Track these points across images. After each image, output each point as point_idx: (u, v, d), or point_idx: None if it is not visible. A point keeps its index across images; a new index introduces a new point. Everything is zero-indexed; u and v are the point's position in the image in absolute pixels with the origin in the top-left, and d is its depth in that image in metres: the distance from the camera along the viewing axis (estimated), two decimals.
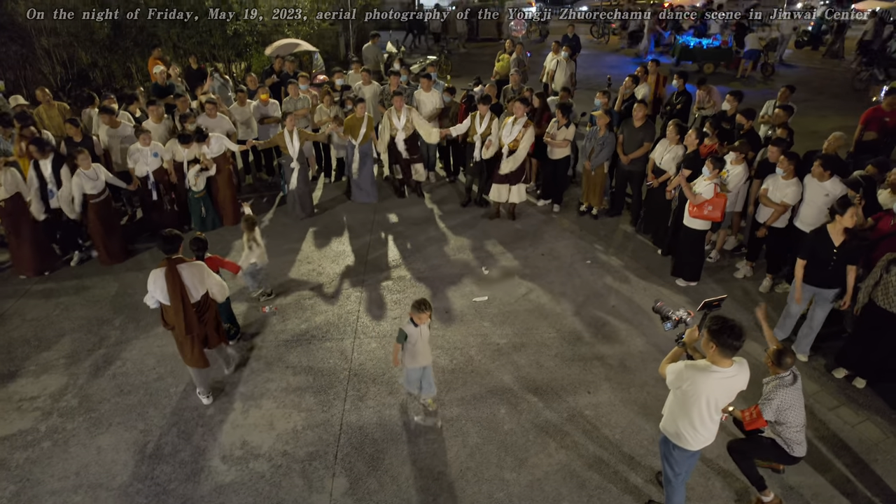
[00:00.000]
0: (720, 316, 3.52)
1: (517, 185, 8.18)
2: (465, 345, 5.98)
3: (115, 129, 7.74)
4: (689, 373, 3.54)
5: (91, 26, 12.02)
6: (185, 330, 4.74)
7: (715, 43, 16.59)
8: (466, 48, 20.03)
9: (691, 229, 6.68)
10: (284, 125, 7.91)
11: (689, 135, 7.09)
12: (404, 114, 8.39)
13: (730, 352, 3.43)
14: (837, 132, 6.89)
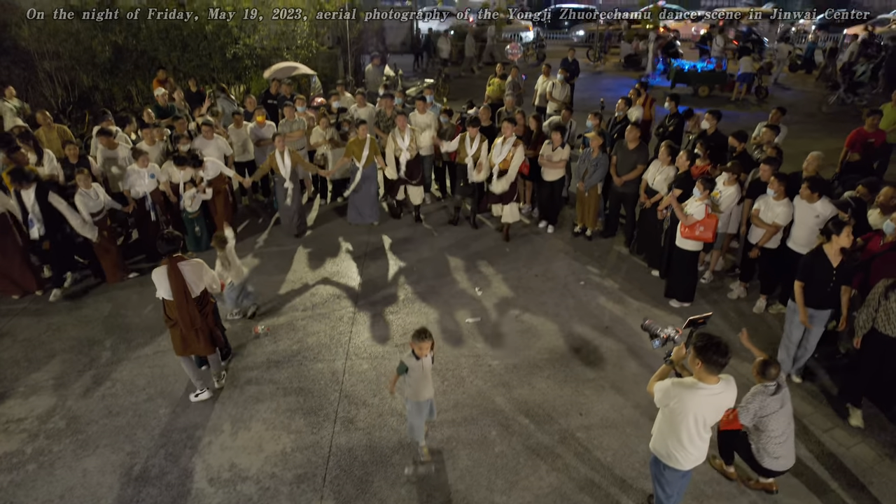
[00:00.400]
0: (706, 333, 3.54)
1: (509, 205, 8.23)
2: (457, 366, 5.94)
3: (112, 150, 7.80)
4: (676, 390, 3.54)
5: (93, 50, 12.18)
6: (189, 324, 5.11)
7: (709, 66, 16.78)
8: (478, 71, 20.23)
9: (683, 250, 6.69)
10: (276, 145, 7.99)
11: (680, 156, 7.14)
12: (408, 134, 8.46)
13: (716, 368, 3.44)
14: (815, 152, 6.94)
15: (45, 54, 12.43)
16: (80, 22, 12.48)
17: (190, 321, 5.10)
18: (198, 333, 5.20)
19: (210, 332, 5.34)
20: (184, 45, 12.51)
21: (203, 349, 5.33)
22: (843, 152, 8.90)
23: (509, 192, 8.12)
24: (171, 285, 4.96)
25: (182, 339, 5.21)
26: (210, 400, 5.49)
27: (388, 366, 5.93)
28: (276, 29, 13.75)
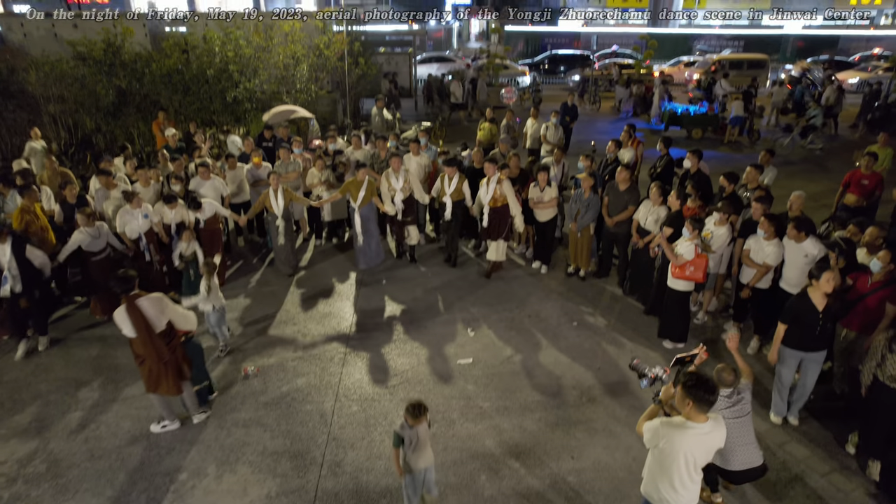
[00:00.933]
0: (694, 371, 3.52)
1: (496, 242, 8.28)
2: (447, 408, 5.86)
3: (110, 190, 7.90)
4: (665, 430, 3.50)
5: (97, 94, 12.47)
6: (157, 357, 5.10)
7: (702, 110, 17.11)
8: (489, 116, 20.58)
9: (675, 290, 6.69)
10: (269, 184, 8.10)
11: (671, 196, 7.21)
12: (402, 175, 8.58)
13: (704, 406, 3.42)
14: (798, 192, 7.01)
15: (50, 98, 12.72)
16: (86, 67, 12.82)
17: (157, 355, 5.11)
18: (167, 367, 5.19)
19: (178, 366, 5.31)
20: (185, 89, 12.81)
21: (172, 387, 5.29)
22: (838, 193, 9.00)
23: (497, 229, 8.19)
24: (132, 322, 4.97)
25: (150, 376, 5.19)
26: (196, 442, 5.40)
27: (377, 408, 5.86)
28: (276, 73, 14.09)
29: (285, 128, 10.77)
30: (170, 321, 5.22)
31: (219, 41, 13.23)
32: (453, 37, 47.51)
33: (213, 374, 6.38)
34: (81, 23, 15.24)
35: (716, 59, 25.64)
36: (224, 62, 13.04)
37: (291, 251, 8.60)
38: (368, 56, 16.72)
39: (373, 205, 8.61)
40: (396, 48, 23.08)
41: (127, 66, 12.84)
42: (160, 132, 10.93)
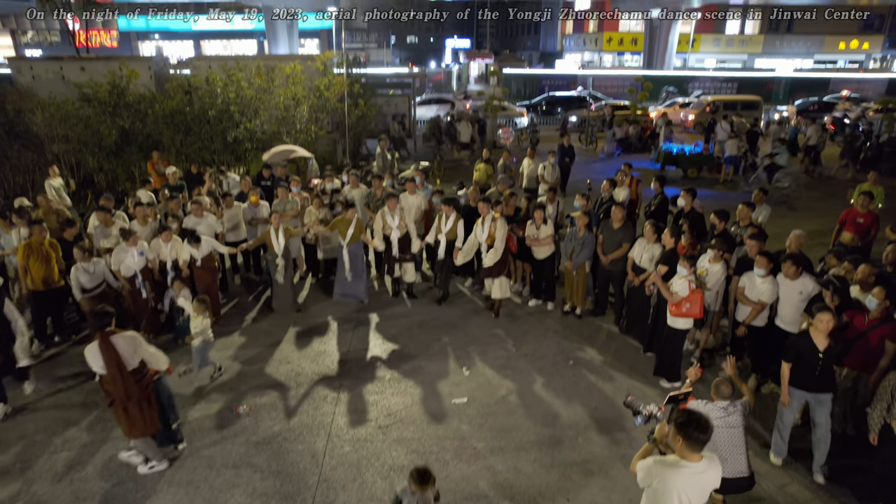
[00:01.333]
0: (687, 409, 3.48)
1: (498, 279, 8.28)
2: (441, 448, 5.77)
3: (108, 227, 7.97)
4: (658, 469, 3.45)
5: (100, 134, 12.68)
6: (125, 396, 5.04)
7: (697, 149, 17.35)
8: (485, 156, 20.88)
9: (674, 329, 6.67)
10: (270, 223, 8.17)
11: (665, 234, 7.26)
12: (398, 213, 8.65)
13: (697, 445, 3.38)
14: (797, 230, 7.07)
15: (54, 138, 12.93)
16: (90, 108, 13.08)
17: (126, 394, 5.05)
18: (139, 405, 5.14)
19: (150, 403, 5.27)
20: (187, 129, 13.04)
21: (146, 427, 5.24)
22: (834, 231, 9.05)
23: (498, 266, 8.21)
24: (104, 358, 4.95)
25: (126, 418, 5.14)
26: (184, 484, 5.29)
27: (370, 448, 5.76)
28: (277, 114, 14.36)
29: (284, 167, 10.92)
30: (142, 360, 5.21)
31: (221, 82, 13.54)
32: (453, 79, 48.57)
33: (205, 412, 6.32)
34: (89, 66, 15.62)
35: (710, 100, 26.11)
36: (225, 103, 13.31)
37: (291, 289, 8.60)
38: (368, 97, 17.05)
39: (360, 242, 8.68)
40: (397, 90, 23.53)
41: (131, 107, 13.11)
42: (154, 171, 11.08)
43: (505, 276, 8.40)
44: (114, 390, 5.05)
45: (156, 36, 57.26)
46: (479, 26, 68.90)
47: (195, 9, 54.90)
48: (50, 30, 56.65)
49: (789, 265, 6.26)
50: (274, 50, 37.39)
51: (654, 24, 39.57)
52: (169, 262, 7.72)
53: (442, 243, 8.58)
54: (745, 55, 48.04)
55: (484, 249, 8.24)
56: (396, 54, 73.02)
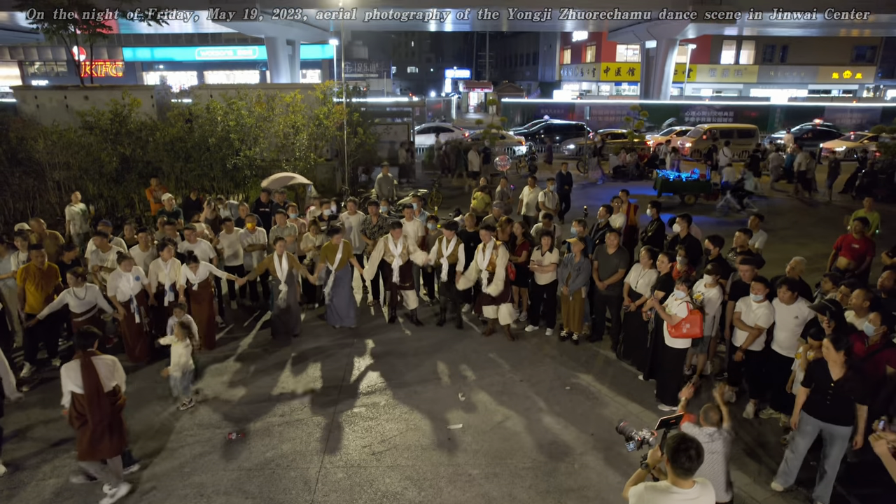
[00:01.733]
0: (680, 434, 3.44)
1: (505, 306, 8.30)
2: (435, 475, 5.69)
3: (104, 252, 8.01)
4: (649, 495, 3.40)
5: (101, 161, 12.82)
6: (100, 418, 5.10)
7: (693, 176, 17.51)
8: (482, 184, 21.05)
9: (673, 349, 6.69)
10: (275, 249, 8.23)
11: (660, 259, 7.28)
12: (401, 242, 8.70)
13: (687, 473, 3.32)
14: (798, 257, 7.09)
15: (56, 165, 13.07)
16: (92, 136, 13.25)
17: (101, 416, 5.11)
18: (110, 428, 5.19)
19: (121, 427, 5.35)
20: (187, 157, 13.18)
21: (112, 449, 5.27)
22: (830, 256, 9.08)
23: (504, 293, 8.23)
24: (84, 379, 5.02)
25: (90, 442, 5.12)
26: None
27: (363, 475, 5.69)
28: (277, 142, 14.53)
29: (282, 193, 11.00)
30: (116, 385, 5.30)
31: (221, 111, 13.74)
32: (452, 108, 49.24)
33: (197, 438, 6.26)
34: (92, 94, 15.87)
35: (707, 128, 26.42)
36: (225, 131, 13.49)
37: (292, 315, 8.59)
38: (367, 126, 17.27)
39: (348, 267, 8.74)
40: (396, 119, 23.84)
41: (132, 135, 13.28)
42: (152, 198, 11.17)
43: (509, 301, 8.40)
44: (89, 411, 5.08)
45: (160, 66, 58.35)
46: (478, 57, 70.19)
47: (199, 40, 56.00)
48: (56, 60, 57.75)
49: (784, 290, 6.27)
50: (276, 79, 37.98)
51: (650, 55, 40.28)
52: (167, 284, 7.73)
53: (444, 267, 8.65)
54: (741, 84, 48.77)
55: (485, 277, 8.25)
56: (397, 84, 74.20)
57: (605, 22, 37.65)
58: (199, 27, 43.44)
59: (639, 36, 39.42)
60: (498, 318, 8.47)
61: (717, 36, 45.00)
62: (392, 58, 77.17)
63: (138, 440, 6.22)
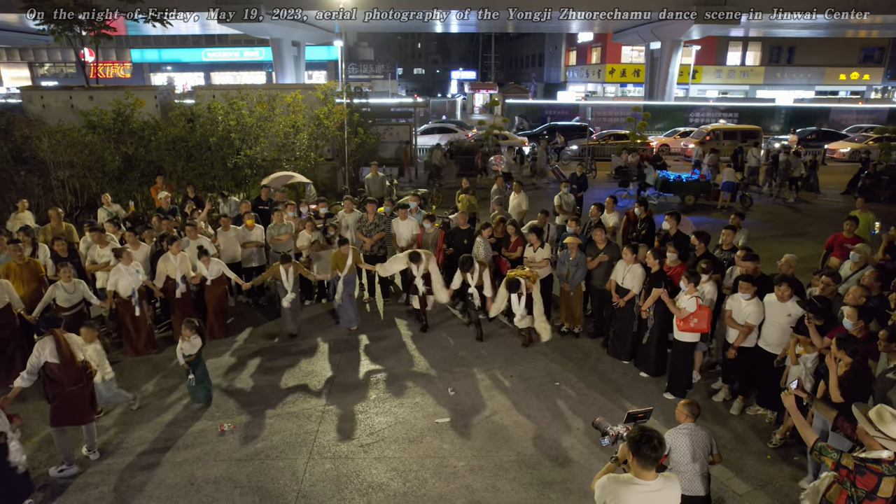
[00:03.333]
0: (642, 427, 3.49)
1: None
2: (420, 467, 5.79)
3: (102, 248, 8.17)
4: (611, 486, 3.43)
5: (104, 160, 13.01)
6: (75, 380, 5.58)
7: (693, 176, 17.51)
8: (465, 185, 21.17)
9: (682, 342, 6.84)
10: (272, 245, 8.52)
11: (648, 255, 7.35)
12: (422, 268, 8.60)
13: (648, 463, 3.34)
14: (789, 255, 7.13)
15: (60, 164, 13.26)
16: (95, 135, 13.45)
17: (75, 380, 5.59)
18: (83, 392, 5.67)
19: (92, 393, 5.86)
20: (188, 156, 13.35)
21: (84, 414, 5.74)
22: (822, 256, 9.10)
23: None
24: (57, 346, 5.51)
25: (65, 405, 5.57)
26: (165, 499, 5.33)
27: (350, 466, 5.80)
28: (277, 141, 14.68)
29: (281, 192, 11.13)
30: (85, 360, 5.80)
31: (222, 111, 13.90)
32: (457, 109, 49.35)
33: (190, 429, 6.39)
34: (97, 95, 16.07)
35: (710, 129, 26.38)
36: (226, 130, 13.65)
37: (295, 315, 8.73)
38: (368, 126, 17.39)
39: (355, 271, 8.85)
40: (401, 119, 23.96)
41: (134, 134, 13.46)
42: (157, 196, 11.32)
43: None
44: (65, 377, 5.53)
45: (168, 67, 58.77)
46: (484, 58, 70.26)
47: (206, 41, 56.41)
48: (66, 62, 58.25)
49: (785, 287, 6.29)
50: (281, 80, 38.20)
51: (654, 56, 40.21)
52: (178, 276, 7.92)
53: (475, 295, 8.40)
54: (747, 86, 48.57)
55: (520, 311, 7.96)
56: (403, 85, 74.40)
57: (608, 23, 37.62)
58: (206, 29, 43.81)
59: (643, 37, 39.36)
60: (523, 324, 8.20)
61: (723, 37, 44.86)
62: (398, 59, 77.43)
63: (134, 430, 6.36)
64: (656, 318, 7.28)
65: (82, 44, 19.02)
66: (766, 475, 5.71)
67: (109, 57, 56.33)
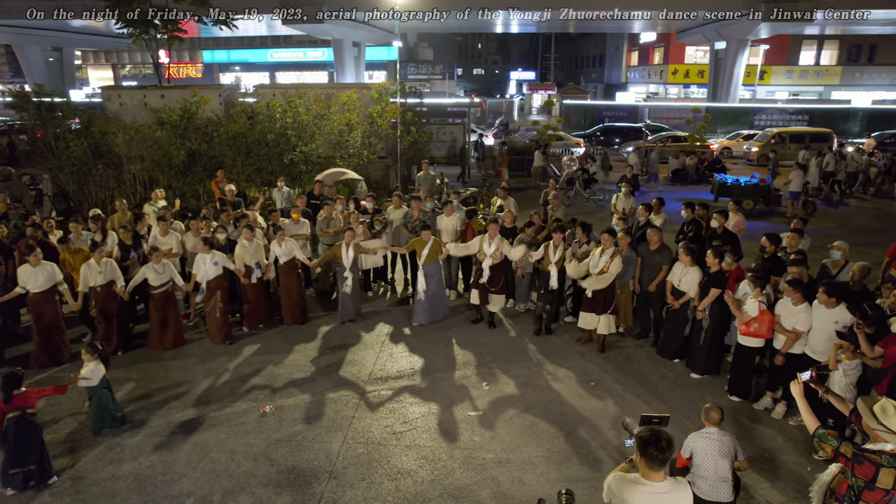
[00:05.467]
0: (652, 427, 3.46)
1: (604, 316, 7.98)
2: (449, 457, 5.93)
3: (163, 237, 8.74)
4: (617, 485, 3.42)
5: (170, 154, 13.81)
6: None
7: (752, 180, 16.89)
8: None
9: (743, 346, 6.77)
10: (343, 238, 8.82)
11: (708, 254, 7.24)
12: (496, 242, 8.60)
13: (655, 464, 3.30)
14: (862, 262, 6.92)
15: (132, 158, 14.16)
16: (163, 131, 14.28)
17: None
18: None
19: None
20: (248, 151, 13.98)
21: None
22: (884, 264, 8.69)
23: (605, 301, 7.94)
24: None
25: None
26: (207, 472, 5.69)
27: (382, 452, 6.00)
28: (332, 139, 15.15)
29: (331, 187, 11.52)
30: None
31: (280, 108, 14.47)
32: (514, 109, 49.18)
33: (234, 409, 6.76)
34: (168, 93, 17.00)
35: (775, 132, 25.31)
36: (283, 127, 14.21)
37: (356, 300, 9.11)
38: (421, 125, 17.65)
39: (437, 263, 8.93)
40: (457, 119, 24.17)
41: (199, 130, 14.20)
42: (218, 189, 11.90)
43: (611, 312, 8.01)
44: None
45: (236, 67, 61.33)
46: (544, 59, 69.63)
47: (272, 42, 58.51)
48: (144, 63, 61.64)
49: (822, 293, 6.12)
50: (342, 80, 39.16)
51: (719, 56, 38.82)
52: (253, 263, 8.46)
53: (553, 273, 8.30)
54: (822, 87, 46.10)
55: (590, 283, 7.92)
56: (461, 85, 74.67)
57: (672, 23, 36.57)
58: (272, 30, 45.43)
59: (708, 37, 38.05)
60: (596, 328, 8.09)
61: (796, 36, 42.74)
62: (458, 59, 77.67)
63: (183, 407, 6.80)
64: (711, 318, 7.20)
65: (157, 46, 20.12)
66: (804, 487, 5.50)
67: (183, 58, 59.39)
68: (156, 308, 8.11)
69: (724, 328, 7.41)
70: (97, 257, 7.71)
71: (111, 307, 7.94)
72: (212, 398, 7.02)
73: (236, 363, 7.89)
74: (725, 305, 7.02)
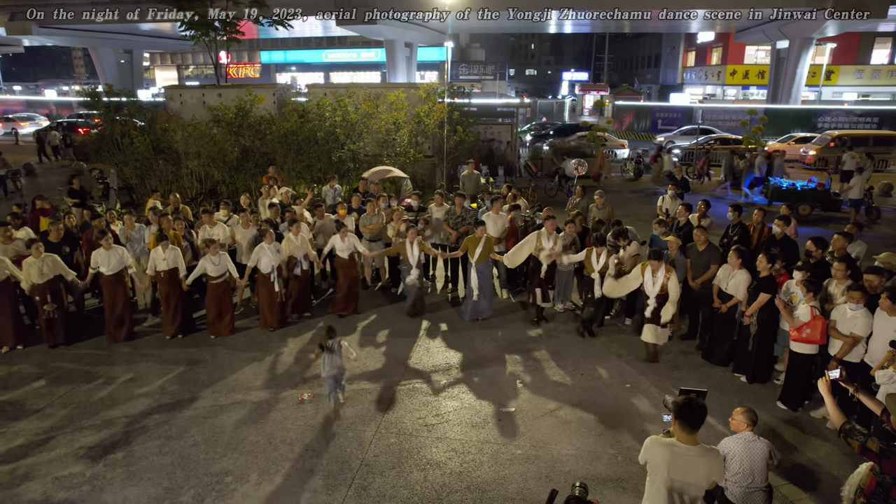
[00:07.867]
0: (689, 394, 3.62)
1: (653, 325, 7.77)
2: (479, 451, 6.01)
3: (211, 227, 9.18)
4: (652, 445, 3.68)
5: (225, 150, 14.40)
6: None
7: (810, 185, 16.22)
8: None
9: (796, 353, 6.62)
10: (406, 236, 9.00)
11: (760, 258, 7.08)
12: (553, 238, 8.72)
13: (688, 427, 3.52)
14: None
15: (190, 154, 14.85)
16: (218, 128, 14.90)
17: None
18: None
19: None
20: (298, 149, 14.43)
21: None
22: None
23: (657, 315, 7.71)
24: None
25: None
26: (246, 452, 5.97)
27: (413, 442, 6.14)
28: (379, 138, 15.45)
29: (376, 185, 11.78)
30: None
31: (330, 107, 14.87)
32: (565, 110, 48.70)
33: (274, 395, 7.03)
34: (225, 92, 17.72)
35: (835, 134, 24.19)
36: (332, 126, 14.59)
37: (421, 295, 9.38)
38: (468, 125, 17.77)
39: (489, 261, 9.04)
40: (506, 119, 24.18)
41: (252, 128, 14.76)
42: (267, 183, 12.35)
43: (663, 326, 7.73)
44: None
45: (292, 67, 63.12)
46: (597, 59, 68.64)
47: (327, 43, 59.88)
48: (206, 64, 64.16)
49: (886, 298, 5.88)
50: (393, 80, 39.76)
51: (780, 56, 37.32)
52: (300, 255, 8.83)
53: (596, 280, 8.31)
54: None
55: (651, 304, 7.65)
56: (513, 86, 74.45)
57: (731, 22, 35.39)
58: (327, 31, 46.48)
59: (769, 36, 36.62)
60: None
61: (867, 33, 40.63)
62: (510, 60, 77.50)
63: (226, 392, 7.12)
64: (760, 324, 7.03)
65: (217, 47, 20.97)
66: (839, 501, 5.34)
67: (242, 59, 61.55)
68: (213, 297, 8.49)
69: (772, 334, 7.20)
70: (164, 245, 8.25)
71: (173, 292, 8.42)
72: (254, 384, 7.32)
73: (279, 351, 8.19)
74: (774, 311, 6.84)
